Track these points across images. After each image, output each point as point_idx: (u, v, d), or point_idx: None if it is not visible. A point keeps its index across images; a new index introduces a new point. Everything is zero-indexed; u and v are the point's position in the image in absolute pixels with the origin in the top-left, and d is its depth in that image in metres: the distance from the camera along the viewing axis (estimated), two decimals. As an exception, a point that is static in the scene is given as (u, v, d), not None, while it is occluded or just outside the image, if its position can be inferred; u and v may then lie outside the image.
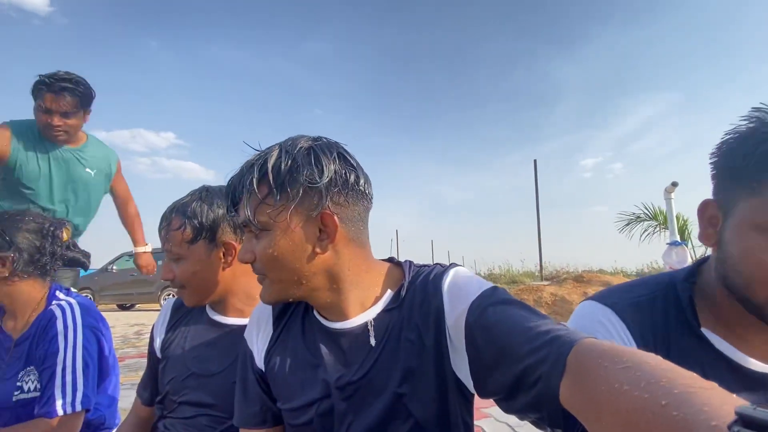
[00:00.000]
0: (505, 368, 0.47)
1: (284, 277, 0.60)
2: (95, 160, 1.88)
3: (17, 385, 0.98)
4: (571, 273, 8.19)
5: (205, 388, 0.82)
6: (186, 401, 0.83)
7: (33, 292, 1.04)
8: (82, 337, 1.00)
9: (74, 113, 1.67)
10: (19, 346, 1.00)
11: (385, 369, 0.59)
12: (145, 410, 0.95)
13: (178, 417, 0.83)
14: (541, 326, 0.46)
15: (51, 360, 0.96)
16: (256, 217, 0.58)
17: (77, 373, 0.97)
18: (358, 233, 0.62)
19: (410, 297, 0.61)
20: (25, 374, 0.98)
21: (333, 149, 0.60)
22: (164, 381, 0.87)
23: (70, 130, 1.70)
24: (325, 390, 0.61)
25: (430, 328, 0.58)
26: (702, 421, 0.26)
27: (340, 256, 0.60)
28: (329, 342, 0.63)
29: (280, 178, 0.56)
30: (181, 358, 0.86)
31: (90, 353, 1.01)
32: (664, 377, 0.30)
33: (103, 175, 1.93)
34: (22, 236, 1.01)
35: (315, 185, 0.56)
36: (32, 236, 1.03)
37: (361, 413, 0.59)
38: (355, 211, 0.61)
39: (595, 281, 6.60)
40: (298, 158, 0.57)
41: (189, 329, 0.89)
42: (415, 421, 0.57)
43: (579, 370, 0.38)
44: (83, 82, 1.68)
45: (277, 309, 0.70)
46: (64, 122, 1.66)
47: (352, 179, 0.59)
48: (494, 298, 0.54)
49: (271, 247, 0.58)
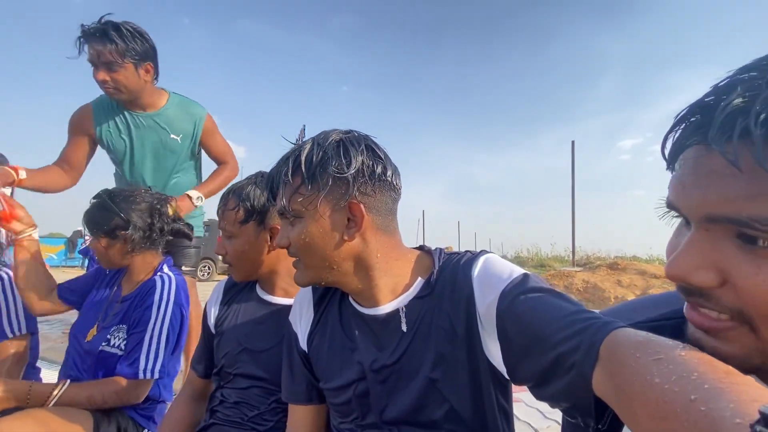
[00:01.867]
0: (537, 356, 0.47)
1: (315, 262, 0.63)
2: (179, 122, 1.65)
3: (106, 337, 1.09)
4: (604, 259, 7.88)
5: (256, 362, 0.88)
6: (240, 373, 0.89)
7: (148, 262, 1.18)
8: (171, 312, 1.10)
9: (119, 65, 1.42)
10: (122, 303, 1.13)
11: (417, 354, 0.61)
12: (200, 382, 1.02)
13: (234, 387, 0.90)
14: (573, 314, 0.46)
15: (143, 326, 1.07)
16: (291, 206, 0.62)
17: (161, 344, 1.07)
18: (386, 222, 0.64)
19: (440, 285, 0.62)
20: (117, 330, 1.09)
21: (361, 142, 0.62)
22: (219, 355, 0.94)
23: (121, 87, 1.46)
24: (360, 372, 0.64)
25: (461, 316, 0.59)
26: (727, 418, 0.26)
27: (368, 244, 0.63)
28: (363, 326, 0.66)
29: (311, 168, 0.60)
30: (234, 334, 0.92)
31: (173, 328, 1.10)
32: (696, 371, 0.30)
33: (189, 139, 1.69)
34: (137, 215, 1.13)
35: (343, 175, 0.59)
36: (145, 214, 1.15)
37: (395, 396, 0.62)
38: (383, 201, 0.63)
39: (630, 269, 6.32)
40: (328, 150, 0.60)
41: (240, 306, 0.96)
42: (450, 406, 0.59)
43: (611, 359, 0.38)
44: (128, 28, 1.42)
45: (318, 294, 0.74)
46: (110, 76, 1.43)
47: (380, 170, 0.62)
48: (525, 286, 0.54)
49: (303, 233, 0.62)
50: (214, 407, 0.91)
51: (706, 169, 0.33)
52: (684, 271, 0.34)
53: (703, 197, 0.33)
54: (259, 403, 0.87)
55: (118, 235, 1.11)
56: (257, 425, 0.86)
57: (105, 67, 1.42)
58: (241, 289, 0.99)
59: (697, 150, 0.34)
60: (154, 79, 1.57)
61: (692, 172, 0.34)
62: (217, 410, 0.90)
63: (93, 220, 1.12)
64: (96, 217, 1.11)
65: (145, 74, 1.50)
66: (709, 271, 0.33)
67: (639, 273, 6.12)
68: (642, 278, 5.94)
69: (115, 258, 1.14)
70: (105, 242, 1.11)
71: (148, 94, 1.57)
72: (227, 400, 0.89)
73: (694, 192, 0.34)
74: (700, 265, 0.34)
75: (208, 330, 1.00)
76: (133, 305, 1.11)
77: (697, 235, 0.34)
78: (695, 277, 0.34)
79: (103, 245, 1.11)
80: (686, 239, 0.35)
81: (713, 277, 0.33)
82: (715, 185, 0.32)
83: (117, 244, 1.12)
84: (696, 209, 0.34)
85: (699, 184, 0.33)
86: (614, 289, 5.72)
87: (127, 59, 1.44)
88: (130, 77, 1.47)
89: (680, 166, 0.36)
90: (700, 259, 0.34)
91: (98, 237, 1.11)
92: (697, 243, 0.34)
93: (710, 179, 0.33)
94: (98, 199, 1.14)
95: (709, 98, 0.33)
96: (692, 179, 0.34)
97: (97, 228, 1.11)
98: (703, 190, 0.33)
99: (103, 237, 1.11)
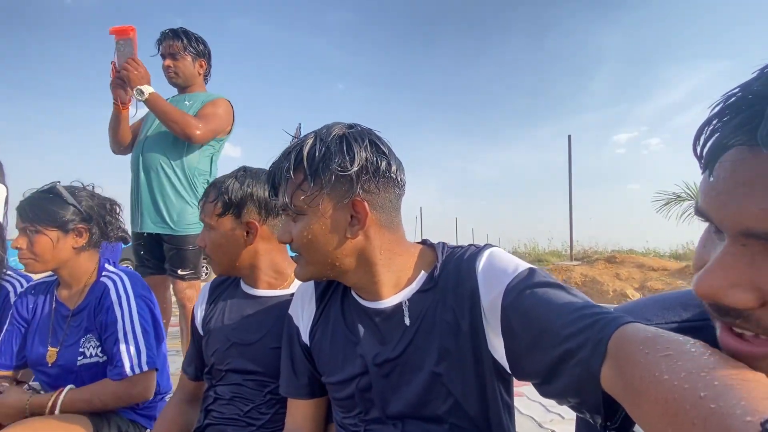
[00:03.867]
0: (543, 352, 0.46)
1: (318, 258, 0.62)
2: (198, 99, 1.95)
3: (80, 351, 1.06)
4: (602, 253, 7.91)
5: (246, 355, 0.88)
6: (231, 369, 0.89)
7: (88, 263, 1.11)
8: (135, 305, 1.07)
9: (181, 56, 1.90)
10: (76, 315, 1.08)
11: (421, 348, 0.60)
12: (192, 385, 1.01)
13: (226, 384, 0.89)
14: (580, 309, 0.45)
15: (111, 328, 1.04)
16: (293, 202, 0.61)
17: (138, 337, 1.05)
18: (390, 218, 0.63)
19: (444, 279, 0.62)
20: (86, 341, 1.06)
21: (365, 137, 0.61)
22: (209, 353, 0.93)
23: (179, 72, 1.92)
24: (363, 366, 0.64)
25: (465, 310, 0.58)
26: (737, 415, 0.25)
27: (371, 241, 0.62)
28: (366, 320, 0.66)
29: (314, 165, 0.59)
30: (222, 331, 0.92)
31: (146, 320, 1.08)
32: (706, 368, 0.30)
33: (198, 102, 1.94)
34: (94, 209, 1.10)
35: (346, 173, 0.58)
36: (102, 210, 1.12)
37: (399, 390, 0.61)
38: (387, 197, 0.62)
39: (628, 262, 6.34)
40: (331, 146, 0.59)
41: (226, 303, 0.96)
42: (455, 401, 0.59)
43: (620, 355, 0.37)
44: (191, 33, 1.94)
45: (320, 287, 0.74)
46: (173, 63, 1.90)
47: (384, 166, 0.61)
48: (531, 280, 0.53)
49: (306, 230, 0.61)
50: (209, 406, 0.90)
51: (748, 175, 0.29)
52: (716, 289, 0.30)
53: (741, 209, 0.29)
54: (253, 397, 0.86)
55: (71, 229, 1.05)
56: (254, 420, 0.85)
57: (170, 56, 1.90)
58: (227, 287, 0.99)
59: (739, 152, 0.29)
60: (206, 75, 2.02)
61: (730, 177, 0.30)
62: (212, 409, 0.89)
63: (43, 209, 1.02)
64: (45, 206, 1.03)
65: (199, 68, 1.97)
66: (747, 290, 0.29)
67: (637, 266, 6.14)
68: (640, 271, 5.96)
69: (62, 255, 1.05)
70: (55, 235, 1.03)
71: (198, 85, 2.00)
72: (222, 398, 0.89)
73: (731, 202, 0.29)
74: (735, 284, 0.30)
75: (197, 331, 1.00)
76: (91, 313, 1.07)
77: (732, 250, 0.30)
78: (730, 298, 0.30)
79: (51, 239, 1.02)
80: (719, 253, 0.31)
81: (751, 297, 0.29)
82: (757, 196, 0.28)
83: (69, 238, 1.05)
84: (732, 222, 0.30)
85: (737, 193, 0.29)
86: (612, 282, 5.74)
87: (187, 53, 1.91)
88: (189, 67, 1.94)
89: (715, 168, 0.31)
90: (736, 277, 0.30)
91: (45, 229, 1.02)
92: (733, 259, 0.30)
93: (751, 188, 0.28)
94: (51, 190, 1.06)
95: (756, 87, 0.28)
96: (730, 186, 0.30)
97: (47, 219, 1.02)
98: (741, 200, 0.29)
99: (54, 229, 1.03)
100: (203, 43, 1.98)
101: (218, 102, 1.94)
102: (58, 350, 1.06)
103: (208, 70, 2.02)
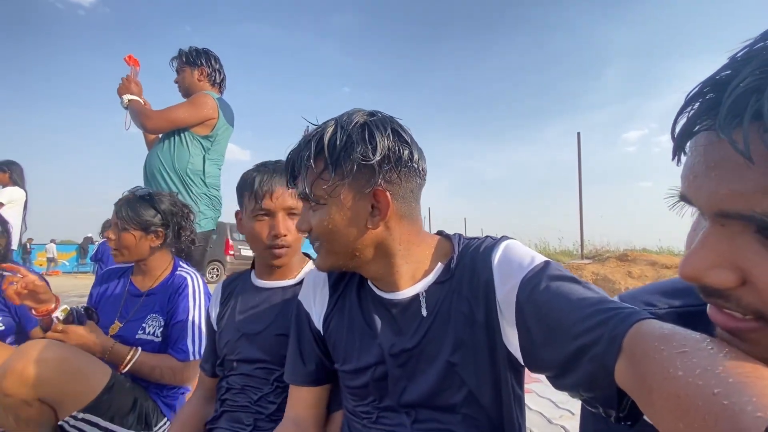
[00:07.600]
0: (558, 346, 0.46)
1: (337, 248, 0.62)
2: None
3: (142, 326, 1.21)
4: (614, 251, 7.81)
5: (254, 345, 0.91)
6: (241, 359, 0.92)
7: (162, 260, 1.31)
8: (205, 302, 1.23)
9: (181, 70, 2.11)
10: (149, 297, 1.25)
11: (437, 339, 0.60)
12: (210, 381, 1.03)
13: (237, 373, 0.93)
14: (596, 303, 0.45)
15: (183, 315, 1.21)
16: (313, 191, 0.60)
17: (202, 329, 1.21)
18: (410, 209, 0.63)
19: (460, 270, 0.62)
20: (151, 319, 1.22)
21: (387, 125, 0.60)
22: (221, 346, 0.97)
23: (180, 84, 2.12)
24: (379, 356, 0.64)
25: (480, 302, 0.58)
26: (749, 411, 0.25)
27: (391, 232, 0.61)
28: (382, 311, 0.66)
29: (335, 154, 0.58)
30: (233, 323, 0.96)
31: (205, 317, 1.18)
32: (721, 365, 0.29)
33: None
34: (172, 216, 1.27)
35: (368, 162, 0.57)
36: (177, 217, 1.29)
37: (414, 380, 0.62)
38: (408, 188, 0.62)
39: (641, 260, 6.26)
40: (353, 134, 0.58)
41: (238, 298, 0.99)
42: (468, 390, 0.59)
43: (635, 351, 0.37)
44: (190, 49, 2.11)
45: (334, 275, 0.73)
46: (177, 78, 2.13)
47: (406, 155, 0.60)
48: (546, 274, 0.52)
49: (326, 220, 0.60)
50: (222, 396, 0.93)
51: (716, 158, 0.29)
52: (698, 270, 0.31)
53: (713, 191, 0.29)
54: (261, 385, 0.89)
55: (152, 231, 1.23)
56: (263, 408, 0.88)
57: (176, 74, 2.13)
58: (239, 282, 1.03)
59: (708, 136, 0.30)
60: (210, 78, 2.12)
61: (703, 161, 0.30)
62: (226, 398, 0.92)
63: (134, 210, 1.21)
64: (137, 209, 1.22)
65: (198, 75, 2.11)
66: (726, 270, 0.30)
67: (649, 264, 6.06)
68: (653, 269, 5.88)
69: (142, 251, 1.24)
70: (138, 234, 1.22)
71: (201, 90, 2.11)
72: (234, 387, 0.92)
73: (704, 185, 0.30)
74: (715, 264, 0.30)
75: (211, 328, 1.03)
76: (165, 297, 1.24)
77: (713, 231, 0.31)
78: (710, 277, 0.30)
79: (135, 237, 1.21)
80: (701, 235, 0.32)
81: (731, 276, 0.30)
82: (725, 178, 0.28)
83: (149, 238, 1.23)
84: (707, 204, 0.30)
85: (709, 176, 0.30)
86: (624, 280, 5.67)
87: (185, 66, 2.10)
88: (187, 77, 2.11)
89: (691, 153, 0.32)
90: (716, 258, 0.30)
91: (131, 228, 1.21)
92: (712, 239, 0.31)
93: (720, 171, 0.29)
94: (141, 194, 1.25)
95: (725, 72, 0.29)
96: (702, 170, 0.30)
97: (134, 220, 1.21)
98: (713, 182, 0.29)
99: (138, 230, 1.21)
100: (200, 52, 2.11)
101: (194, 97, 2.07)
102: (122, 324, 1.23)
103: (211, 74, 2.13)
